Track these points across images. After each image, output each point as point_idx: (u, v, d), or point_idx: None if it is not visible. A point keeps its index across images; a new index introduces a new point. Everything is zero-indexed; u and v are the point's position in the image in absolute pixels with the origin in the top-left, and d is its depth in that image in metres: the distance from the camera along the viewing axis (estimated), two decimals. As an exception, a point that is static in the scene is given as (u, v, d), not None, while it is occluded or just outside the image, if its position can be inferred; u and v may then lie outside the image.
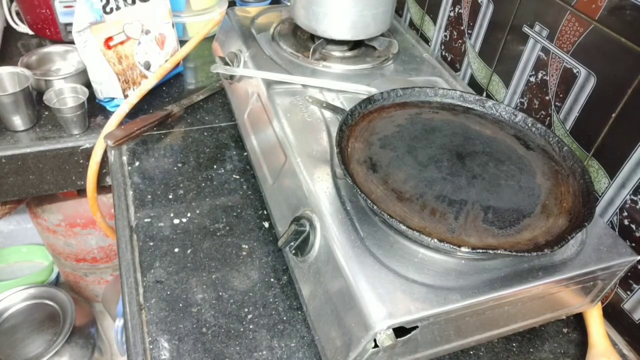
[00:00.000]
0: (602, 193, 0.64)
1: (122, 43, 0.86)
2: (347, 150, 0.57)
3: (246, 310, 0.61)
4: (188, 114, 0.92)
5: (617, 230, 0.63)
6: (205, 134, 0.88)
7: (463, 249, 0.46)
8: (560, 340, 0.63)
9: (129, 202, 0.74)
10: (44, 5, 1.00)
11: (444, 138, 0.62)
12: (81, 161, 0.88)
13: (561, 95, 0.69)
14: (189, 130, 0.89)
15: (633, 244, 0.61)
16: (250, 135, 0.77)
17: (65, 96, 0.87)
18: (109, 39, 0.83)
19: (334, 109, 0.69)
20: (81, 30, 0.80)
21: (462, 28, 0.90)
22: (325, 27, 0.79)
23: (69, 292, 1.30)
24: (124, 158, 0.81)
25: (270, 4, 1.30)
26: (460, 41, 0.91)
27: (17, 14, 1.11)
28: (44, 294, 1.27)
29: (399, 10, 1.12)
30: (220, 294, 0.63)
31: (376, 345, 0.45)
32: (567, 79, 0.68)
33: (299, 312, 0.62)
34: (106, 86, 0.88)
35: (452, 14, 0.93)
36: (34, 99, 0.86)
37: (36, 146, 0.84)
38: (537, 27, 0.72)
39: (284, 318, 0.61)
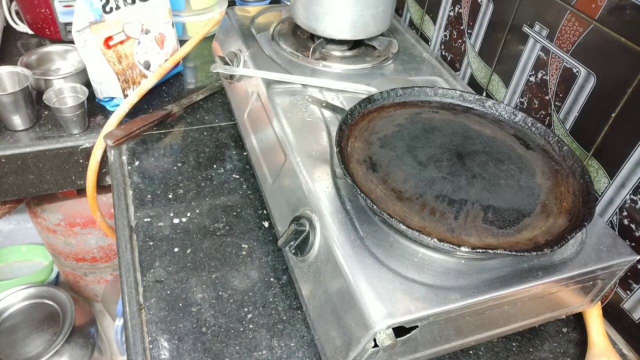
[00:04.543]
0: (602, 193, 0.64)
1: (121, 42, 0.86)
2: (347, 150, 0.57)
3: (246, 309, 0.61)
4: (188, 114, 0.92)
5: (616, 229, 0.63)
6: (205, 133, 0.88)
7: (463, 248, 0.46)
8: (560, 340, 0.63)
9: (128, 202, 0.74)
10: (43, 4, 1.00)
11: (443, 138, 0.62)
12: (81, 161, 0.88)
13: (561, 95, 0.69)
14: (188, 129, 0.89)
15: (633, 244, 0.61)
16: (250, 134, 0.77)
17: (64, 96, 0.87)
18: (109, 38, 0.83)
19: (333, 108, 0.69)
20: (81, 30, 0.80)
21: (462, 28, 0.90)
22: (325, 27, 0.79)
23: (68, 291, 1.30)
24: (124, 158, 0.81)
25: (270, 3, 1.30)
26: (460, 41, 0.91)
27: (17, 13, 1.11)
28: (43, 294, 1.27)
29: (398, 9, 1.12)
30: (220, 293, 0.63)
31: (376, 345, 0.45)
32: (567, 78, 0.68)
33: (299, 312, 0.62)
34: (106, 86, 0.88)
35: (452, 13, 0.92)
36: (34, 99, 0.86)
37: (36, 146, 0.84)
38: (537, 27, 0.72)
39: (284, 318, 0.61)
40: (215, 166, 0.81)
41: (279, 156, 0.66)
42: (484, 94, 0.87)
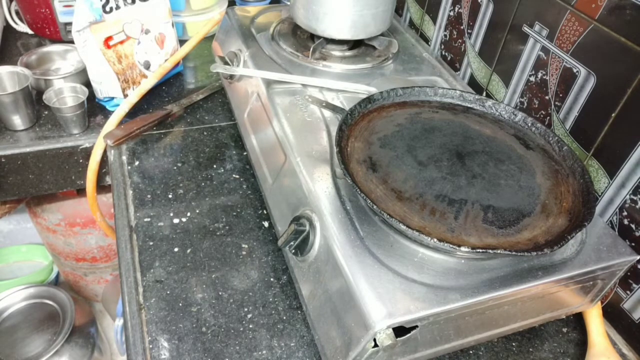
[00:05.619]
0: (602, 193, 0.64)
1: (121, 42, 0.86)
2: (347, 150, 0.57)
3: (246, 309, 0.61)
4: (188, 114, 0.92)
5: (616, 229, 0.63)
6: (205, 133, 0.88)
7: (463, 248, 0.46)
8: (559, 340, 0.63)
9: (128, 202, 0.74)
10: (43, 4, 1.00)
11: (443, 137, 0.62)
12: (81, 161, 0.88)
13: (561, 95, 0.69)
14: (188, 129, 0.89)
15: (633, 244, 0.61)
16: (250, 134, 0.77)
17: (64, 96, 0.87)
18: (109, 38, 0.83)
19: (333, 108, 0.69)
20: (81, 30, 0.80)
21: (462, 27, 0.90)
22: (325, 27, 0.79)
23: (68, 291, 1.30)
24: (124, 157, 0.81)
25: (270, 3, 1.30)
26: (460, 41, 0.91)
27: (17, 13, 1.11)
28: (43, 294, 1.27)
29: (398, 9, 1.12)
30: (220, 293, 0.63)
31: (376, 345, 0.45)
32: (567, 78, 0.68)
33: (299, 312, 0.62)
34: (106, 86, 0.88)
35: (452, 13, 0.92)
36: (34, 99, 0.86)
37: (36, 146, 0.84)
38: (537, 27, 0.72)
39: (284, 317, 0.61)
40: (215, 166, 0.81)
41: (279, 156, 0.66)
42: (484, 94, 0.87)
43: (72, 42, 0.87)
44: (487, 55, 0.84)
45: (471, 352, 0.61)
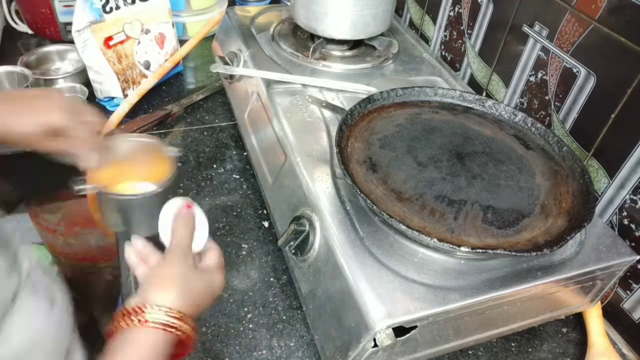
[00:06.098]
0: (602, 193, 0.64)
1: (121, 42, 0.86)
2: (347, 150, 0.57)
3: (246, 309, 0.61)
4: (188, 114, 0.92)
5: (616, 230, 0.63)
6: (205, 133, 0.88)
7: (462, 248, 0.46)
8: (559, 340, 0.63)
9: (128, 202, 0.73)
10: (43, 4, 0.99)
11: (443, 138, 0.62)
12: (81, 160, 0.88)
13: (561, 95, 0.69)
14: (188, 129, 0.89)
15: (632, 244, 0.60)
16: (250, 134, 0.77)
17: (65, 95, 0.87)
18: (109, 38, 0.83)
19: (333, 108, 0.69)
20: (81, 30, 0.80)
21: (462, 28, 0.90)
22: (325, 27, 0.79)
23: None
24: (124, 157, 0.81)
25: (270, 3, 1.30)
26: (460, 41, 0.91)
27: (17, 13, 1.11)
28: (43, 294, 1.27)
29: (398, 10, 1.11)
30: (220, 293, 0.63)
31: (375, 345, 0.45)
32: (567, 78, 0.68)
33: (299, 312, 0.62)
34: (106, 85, 0.88)
35: (452, 13, 0.92)
36: (34, 99, 0.86)
37: (36, 145, 0.84)
38: (537, 27, 0.72)
39: (284, 317, 0.61)
40: (215, 166, 0.81)
41: (279, 156, 0.66)
42: (484, 94, 0.87)
43: (72, 42, 0.87)
44: (487, 56, 0.84)
45: (470, 352, 0.61)
